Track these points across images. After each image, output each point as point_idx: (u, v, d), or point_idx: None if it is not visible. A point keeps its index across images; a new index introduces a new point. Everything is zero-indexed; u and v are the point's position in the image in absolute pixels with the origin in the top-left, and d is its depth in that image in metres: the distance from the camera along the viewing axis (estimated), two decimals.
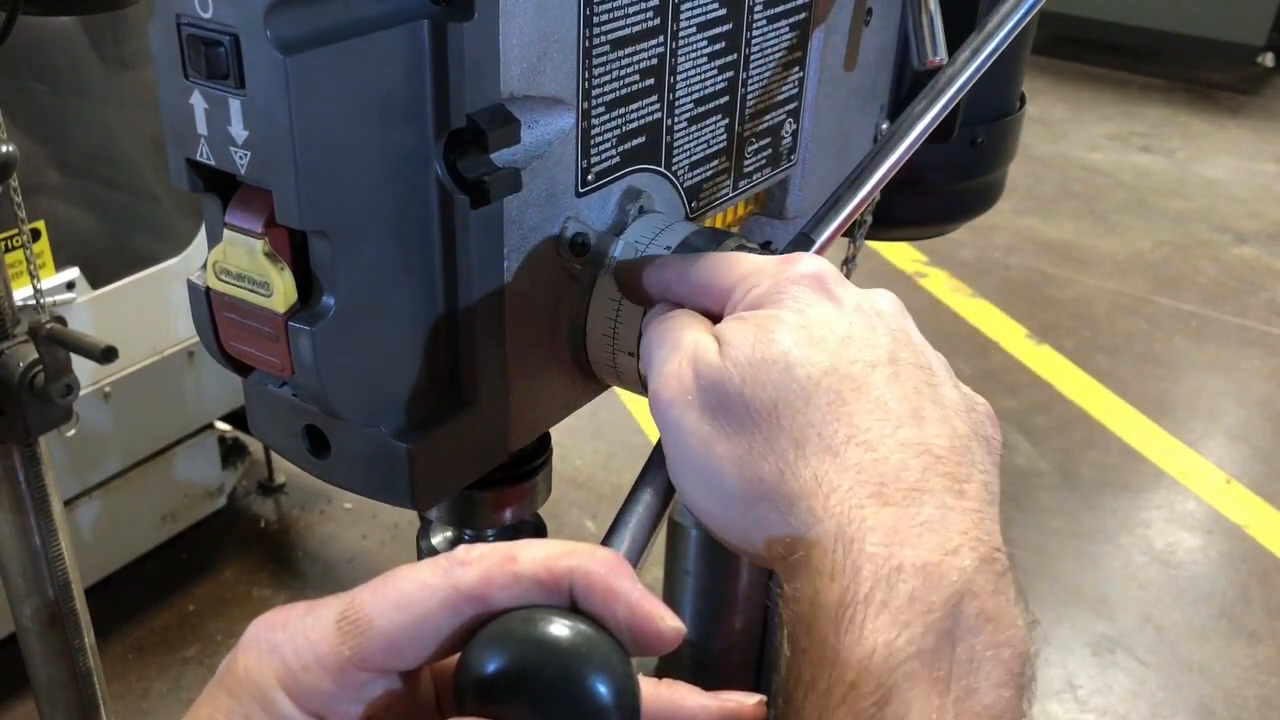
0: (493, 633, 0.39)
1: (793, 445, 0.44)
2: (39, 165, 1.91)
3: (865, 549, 0.40)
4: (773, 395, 0.45)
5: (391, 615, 0.39)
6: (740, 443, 0.45)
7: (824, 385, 0.44)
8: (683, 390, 0.48)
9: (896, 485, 0.42)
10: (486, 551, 0.40)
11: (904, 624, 0.38)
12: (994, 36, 0.69)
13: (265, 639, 0.41)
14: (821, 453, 0.43)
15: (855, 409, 0.44)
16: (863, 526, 0.41)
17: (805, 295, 0.48)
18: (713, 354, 0.47)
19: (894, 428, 0.43)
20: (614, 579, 0.40)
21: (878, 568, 0.40)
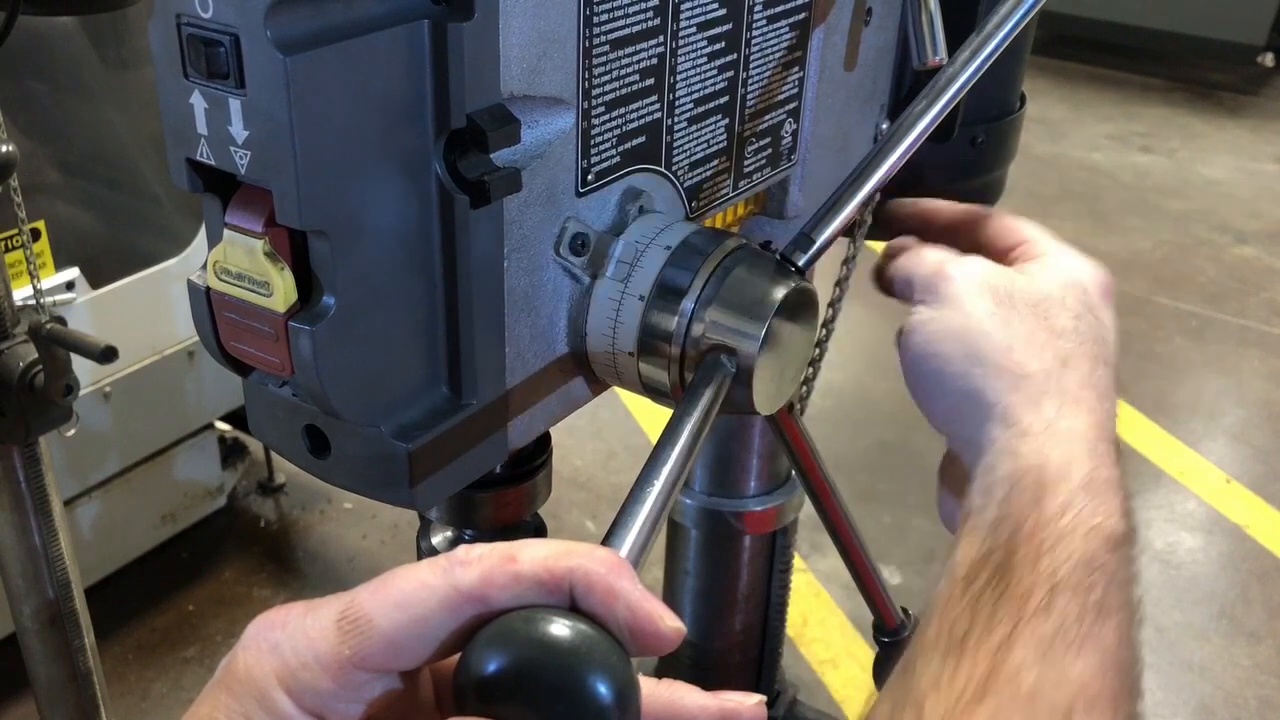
0: (493, 633, 0.39)
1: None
2: (39, 165, 1.91)
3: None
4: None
5: (391, 615, 0.39)
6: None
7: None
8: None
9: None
10: (486, 551, 0.40)
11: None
12: (994, 36, 0.69)
13: (265, 638, 0.41)
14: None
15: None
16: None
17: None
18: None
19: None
20: (614, 579, 0.40)
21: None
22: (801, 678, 2.02)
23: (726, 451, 1.31)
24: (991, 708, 0.46)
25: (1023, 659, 0.47)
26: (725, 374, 0.63)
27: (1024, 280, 0.61)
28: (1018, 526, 0.51)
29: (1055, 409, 0.55)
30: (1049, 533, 0.50)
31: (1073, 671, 0.47)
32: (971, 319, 0.58)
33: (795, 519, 1.37)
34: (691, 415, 0.59)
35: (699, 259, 0.65)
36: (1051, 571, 0.49)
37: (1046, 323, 0.58)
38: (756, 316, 0.63)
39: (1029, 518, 0.51)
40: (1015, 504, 0.52)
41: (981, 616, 0.49)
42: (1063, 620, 0.48)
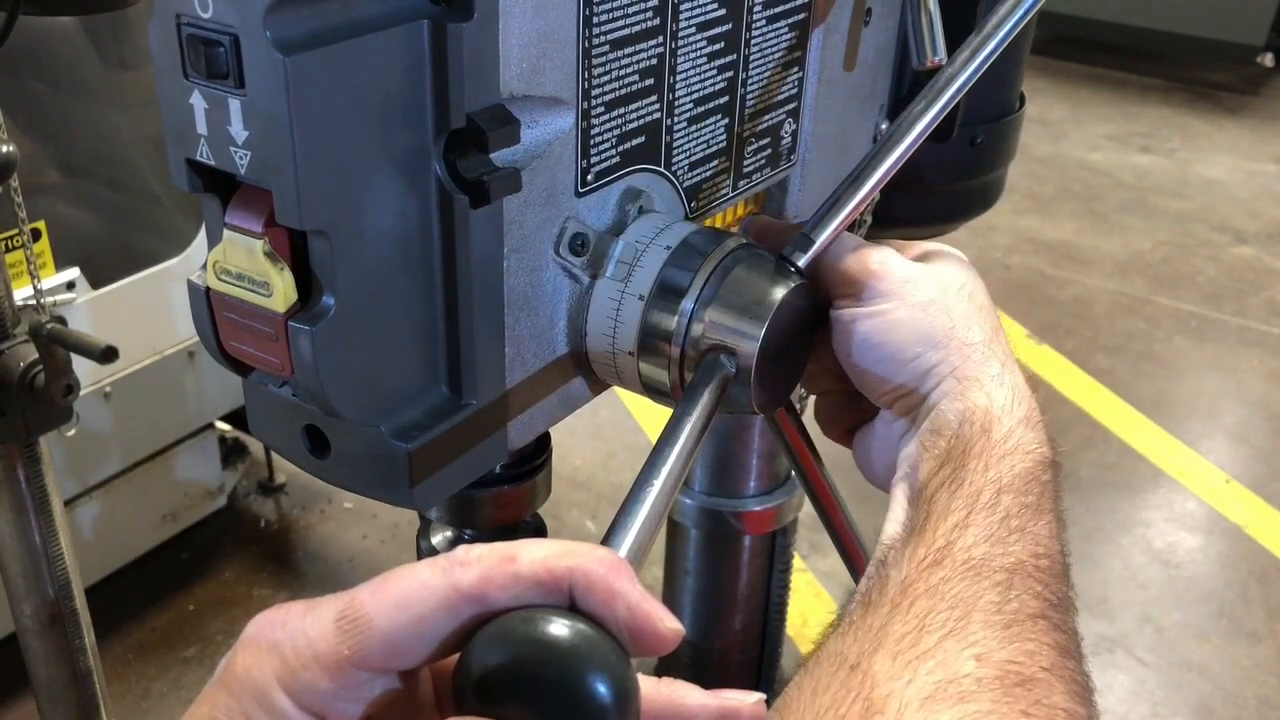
0: (492, 633, 0.39)
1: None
2: (39, 165, 1.90)
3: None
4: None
5: (391, 615, 0.39)
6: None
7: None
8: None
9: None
10: (486, 552, 0.41)
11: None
12: (994, 36, 0.69)
13: (264, 637, 0.41)
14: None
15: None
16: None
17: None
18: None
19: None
20: (614, 579, 0.40)
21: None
22: None
23: (726, 451, 1.31)
24: (945, 571, 0.54)
25: (973, 537, 0.56)
26: (725, 374, 0.63)
27: (941, 271, 0.68)
28: (968, 447, 0.61)
29: (999, 366, 0.65)
30: (996, 452, 0.60)
31: (1013, 549, 0.56)
32: (915, 309, 0.65)
33: (795, 519, 1.38)
34: (691, 415, 0.59)
35: (699, 259, 0.65)
36: (997, 478, 0.59)
37: (972, 302, 0.67)
38: (756, 317, 0.63)
39: (978, 442, 0.61)
40: (966, 434, 0.62)
41: (937, 508, 0.58)
42: (1006, 513, 0.58)
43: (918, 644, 0.51)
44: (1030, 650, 0.52)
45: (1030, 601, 0.54)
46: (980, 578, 0.54)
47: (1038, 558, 0.56)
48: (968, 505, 0.58)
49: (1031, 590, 0.55)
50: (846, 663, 0.51)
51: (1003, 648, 0.51)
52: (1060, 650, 0.53)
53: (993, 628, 0.52)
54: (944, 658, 0.50)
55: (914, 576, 0.55)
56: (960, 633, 0.52)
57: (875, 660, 0.51)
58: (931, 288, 0.66)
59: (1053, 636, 0.53)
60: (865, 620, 0.54)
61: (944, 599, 0.53)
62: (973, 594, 0.53)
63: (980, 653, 0.51)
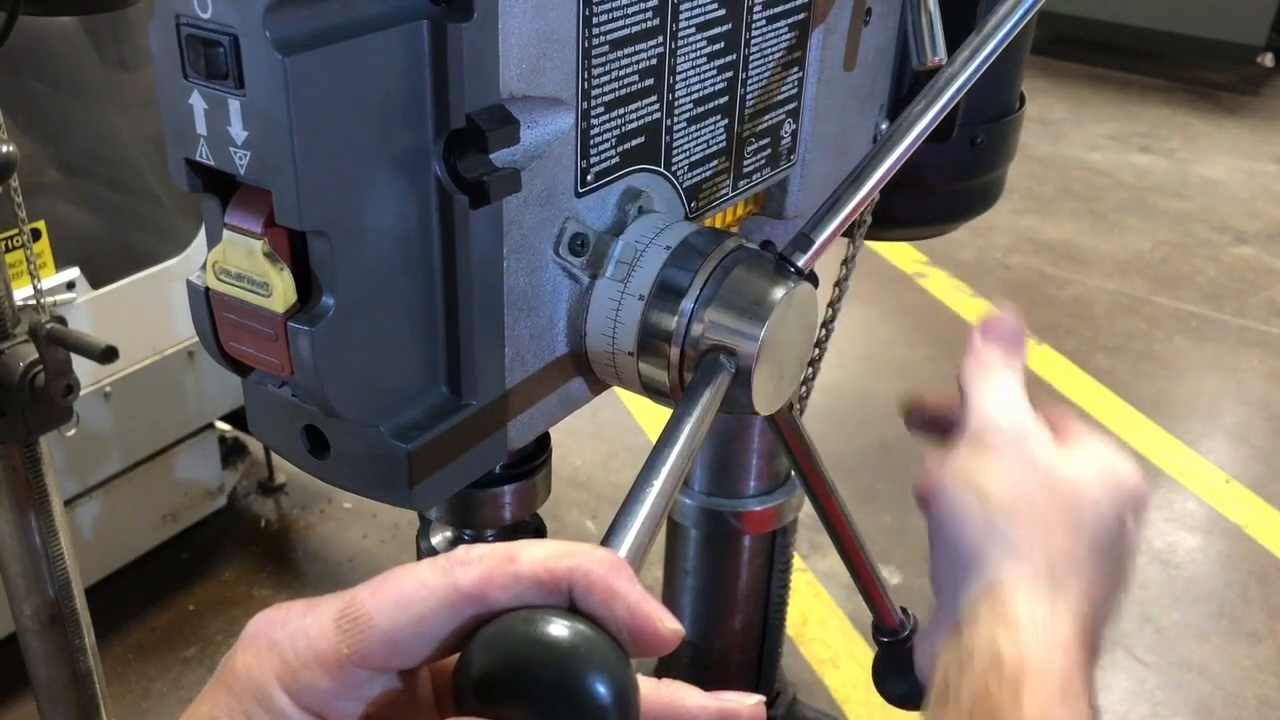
0: (492, 633, 0.39)
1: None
2: (39, 165, 1.91)
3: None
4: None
5: (391, 614, 0.39)
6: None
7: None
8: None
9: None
10: (486, 552, 0.41)
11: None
12: (994, 36, 0.69)
13: (265, 636, 0.41)
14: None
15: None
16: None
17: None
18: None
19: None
20: (613, 579, 0.40)
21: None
22: (801, 678, 2.02)
23: (726, 451, 1.31)
24: None
25: None
26: (724, 374, 0.63)
27: (1067, 467, 0.59)
28: (994, 715, 0.52)
29: (1047, 611, 0.55)
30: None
31: None
32: (1004, 487, 0.58)
33: (795, 519, 1.38)
34: (691, 415, 0.59)
35: (698, 259, 0.65)
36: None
37: (1074, 519, 0.57)
38: (756, 317, 0.63)
39: (1006, 711, 0.52)
40: (993, 695, 0.52)
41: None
42: None
43: None
44: None
45: None
46: None
47: None
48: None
49: None
50: None
51: None
52: None
53: None
54: None
55: None
56: None
57: None
58: (1038, 476, 0.58)
59: None
60: None
61: None
62: None
63: None
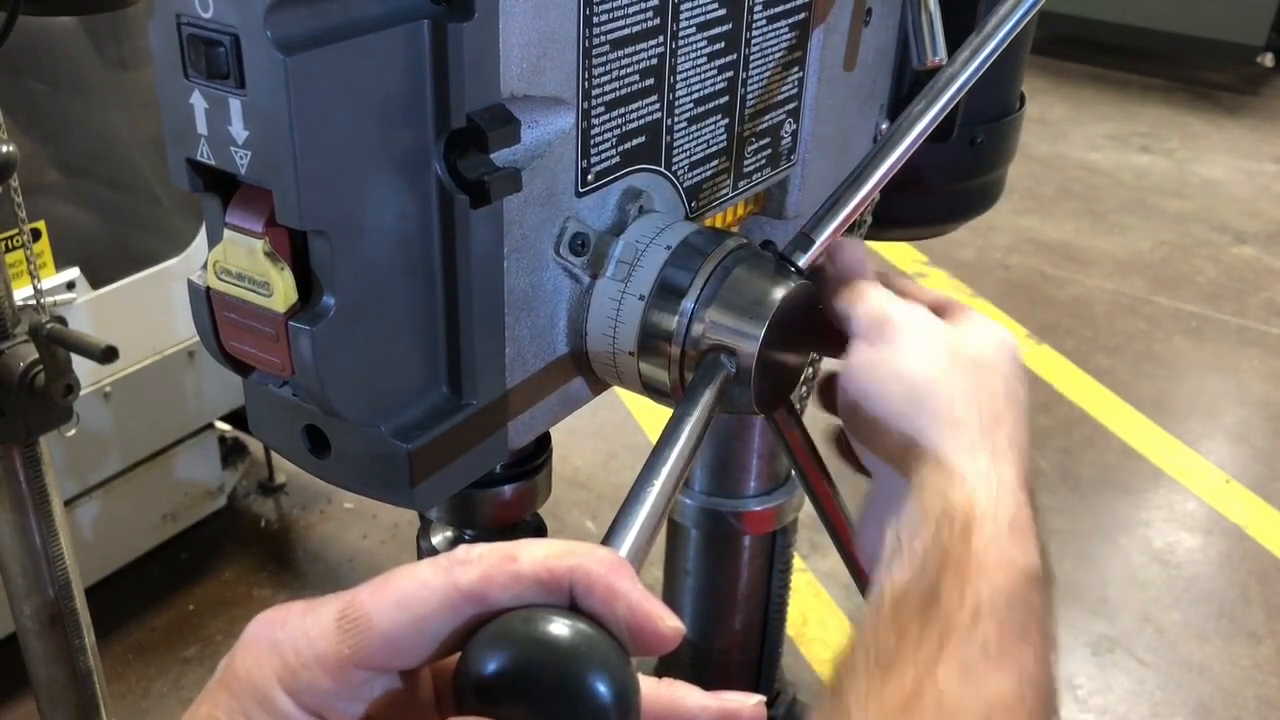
0: (492, 632, 0.39)
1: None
2: (39, 165, 1.91)
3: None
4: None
5: (391, 614, 0.39)
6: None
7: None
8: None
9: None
10: (486, 551, 0.40)
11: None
12: (994, 36, 0.69)
13: (265, 637, 0.41)
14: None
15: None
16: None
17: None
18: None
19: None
20: (614, 578, 0.40)
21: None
22: (801, 677, 2.02)
23: (726, 451, 1.31)
24: (915, 717, 0.49)
25: (946, 675, 0.50)
26: (725, 373, 0.63)
27: (964, 338, 0.64)
28: (945, 558, 0.55)
29: (988, 459, 0.59)
30: (975, 565, 0.54)
31: (992, 688, 0.50)
32: (916, 365, 0.62)
33: (795, 519, 1.38)
34: (691, 415, 0.59)
35: (699, 259, 0.65)
36: (976, 600, 0.53)
37: (983, 382, 0.63)
38: (756, 316, 0.63)
39: (957, 551, 0.55)
40: (944, 538, 0.56)
41: (909, 637, 0.52)
42: (985, 642, 0.52)
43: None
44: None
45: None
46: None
47: (1020, 689, 0.51)
48: (941, 634, 0.52)
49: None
50: None
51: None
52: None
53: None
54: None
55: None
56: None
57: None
58: (942, 349, 0.63)
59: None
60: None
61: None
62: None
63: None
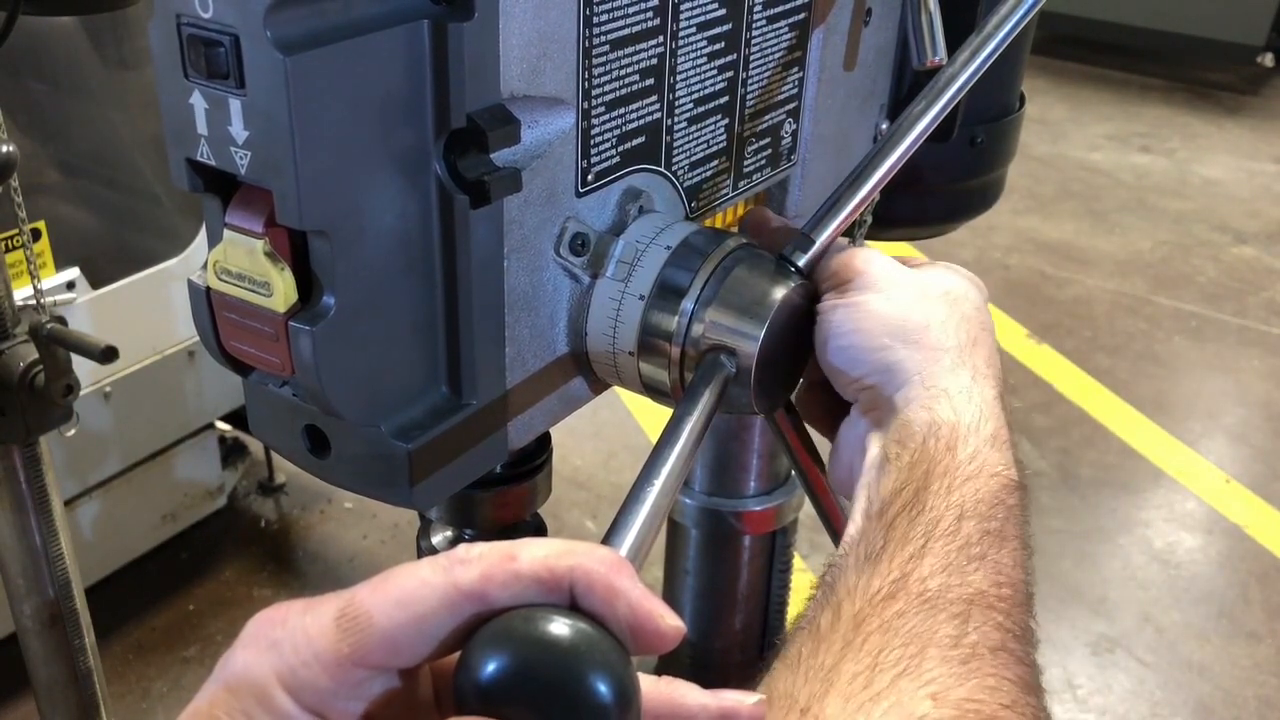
0: (493, 631, 0.39)
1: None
2: (39, 165, 1.91)
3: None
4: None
5: (391, 612, 0.39)
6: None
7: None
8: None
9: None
10: (486, 550, 0.41)
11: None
12: (994, 37, 0.69)
13: (264, 635, 0.41)
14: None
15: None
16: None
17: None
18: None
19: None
20: (614, 577, 0.40)
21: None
22: None
23: (726, 451, 1.31)
24: (900, 604, 0.52)
25: (930, 567, 0.54)
26: (725, 373, 0.63)
27: (930, 277, 0.67)
28: (932, 466, 0.58)
29: (969, 378, 0.62)
30: (960, 473, 0.58)
31: (973, 579, 0.54)
32: (890, 302, 0.64)
33: (795, 519, 1.38)
34: (691, 415, 0.59)
35: (699, 259, 0.65)
36: (960, 502, 0.56)
37: (955, 309, 0.65)
38: (756, 317, 0.63)
39: (942, 460, 0.58)
40: (930, 449, 0.59)
41: (896, 534, 0.56)
42: (967, 540, 0.55)
43: (870, 684, 0.49)
44: (990, 686, 0.50)
45: (990, 633, 0.52)
46: (936, 610, 0.52)
47: (999, 586, 0.54)
48: (926, 532, 0.55)
49: (992, 621, 0.52)
50: (797, 705, 0.49)
51: (960, 684, 0.49)
52: (1021, 685, 0.51)
53: (950, 663, 0.50)
54: (898, 698, 0.48)
55: (868, 611, 0.53)
56: (915, 671, 0.49)
57: (827, 704, 0.49)
58: (913, 288, 0.65)
59: (1014, 670, 0.51)
60: (816, 657, 0.51)
61: (898, 634, 0.51)
62: (928, 628, 0.51)
63: (937, 691, 0.49)
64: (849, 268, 0.66)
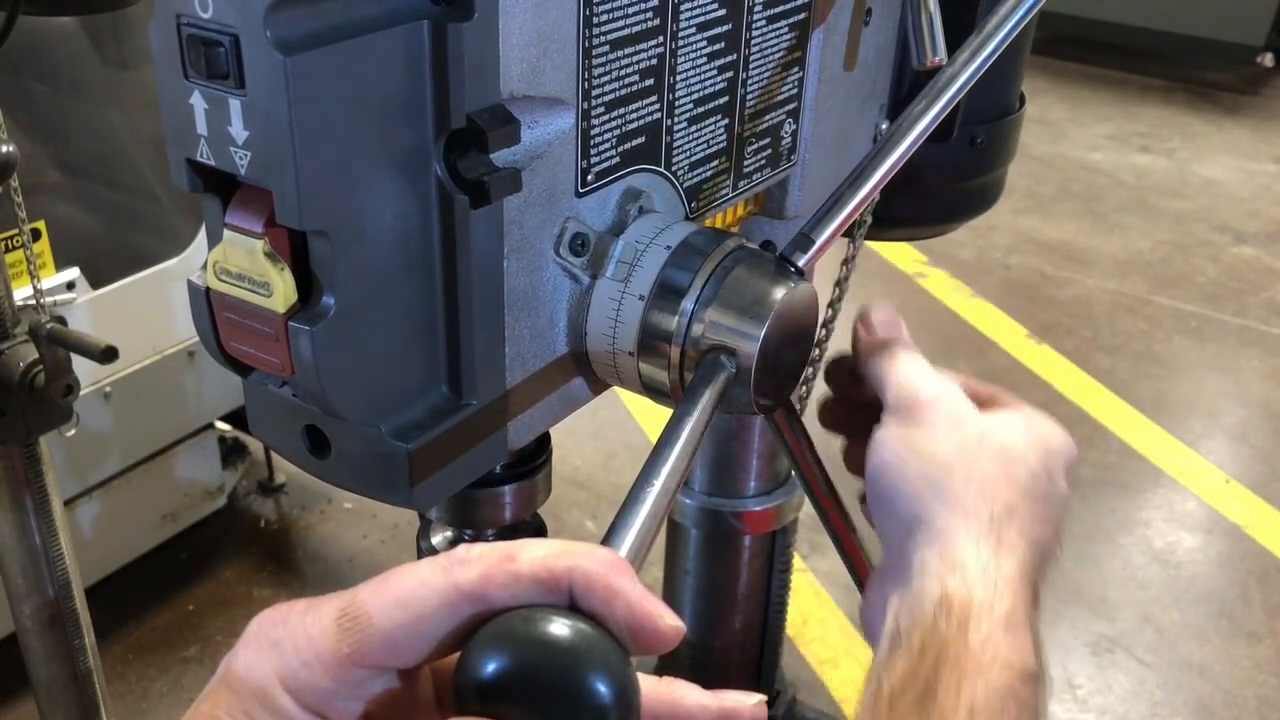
0: (492, 632, 0.39)
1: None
2: (39, 165, 1.91)
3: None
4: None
5: (391, 613, 0.39)
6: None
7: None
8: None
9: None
10: (486, 550, 0.41)
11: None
12: (994, 37, 0.69)
13: (266, 635, 0.41)
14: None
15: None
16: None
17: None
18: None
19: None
20: (613, 578, 0.40)
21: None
22: (801, 677, 2.02)
23: (726, 451, 1.31)
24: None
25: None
26: (725, 374, 0.63)
27: (995, 425, 0.64)
28: (942, 653, 0.56)
29: (991, 552, 0.60)
30: (971, 663, 0.56)
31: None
32: (939, 448, 0.62)
33: (795, 519, 1.37)
34: (691, 415, 0.59)
35: (699, 259, 0.65)
36: (971, 698, 0.55)
37: (1007, 472, 0.62)
38: (756, 317, 0.63)
39: (953, 645, 0.56)
40: (941, 631, 0.57)
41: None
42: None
43: None
44: None
45: None
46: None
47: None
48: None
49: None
50: None
51: None
52: None
53: None
54: None
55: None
56: None
57: None
58: (972, 435, 0.62)
59: None
60: None
61: None
62: None
63: None
64: (916, 396, 0.64)
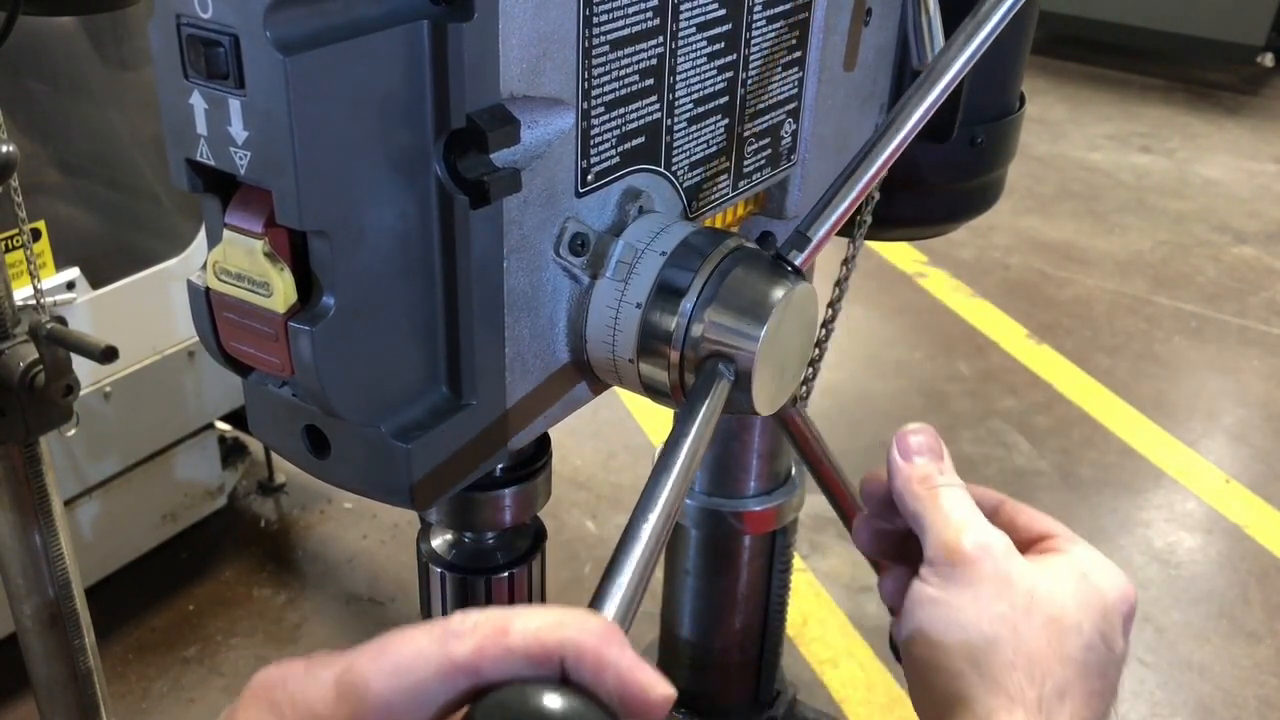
0: (486, 709, 0.40)
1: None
2: (39, 165, 1.91)
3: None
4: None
5: (388, 680, 0.40)
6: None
7: None
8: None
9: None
10: (481, 620, 0.41)
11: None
12: (986, 23, 0.69)
13: (264, 697, 0.42)
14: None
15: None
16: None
17: None
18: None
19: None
20: (604, 649, 0.41)
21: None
22: (801, 677, 2.02)
23: (726, 451, 1.31)
24: None
25: None
26: (723, 383, 0.63)
27: (1046, 586, 0.59)
28: None
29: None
30: None
31: None
32: (983, 617, 0.57)
33: (795, 519, 1.37)
34: (689, 434, 0.59)
35: (698, 259, 0.65)
36: None
37: (1058, 647, 0.58)
38: (756, 317, 0.63)
39: None
40: None
41: None
42: None
43: None
44: None
45: None
46: None
47: None
48: None
49: None
50: None
51: None
52: None
53: None
54: None
55: None
56: None
57: None
58: (1020, 598, 0.58)
59: None
60: None
61: None
62: None
63: None
64: (958, 549, 0.59)
